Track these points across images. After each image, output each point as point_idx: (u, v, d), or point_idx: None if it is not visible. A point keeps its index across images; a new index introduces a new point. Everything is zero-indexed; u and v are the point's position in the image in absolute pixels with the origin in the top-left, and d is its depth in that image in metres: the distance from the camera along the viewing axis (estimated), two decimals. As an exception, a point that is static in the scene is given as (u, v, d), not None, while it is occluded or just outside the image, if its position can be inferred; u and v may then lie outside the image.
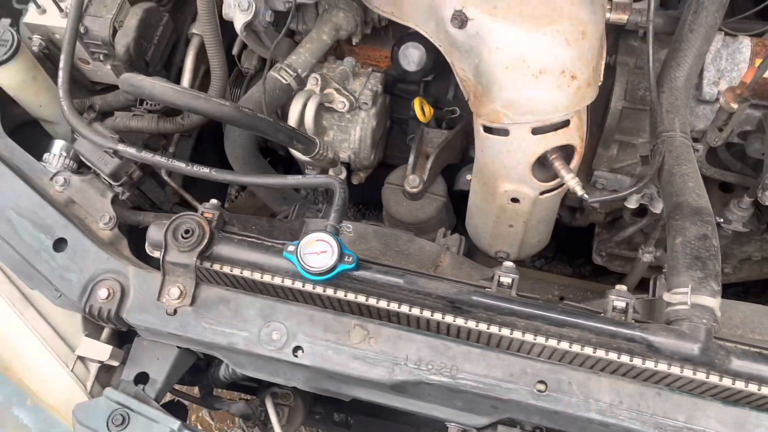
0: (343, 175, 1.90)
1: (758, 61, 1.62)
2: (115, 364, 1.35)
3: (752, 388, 1.15)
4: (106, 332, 1.36)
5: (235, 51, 1.89)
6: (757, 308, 1.34)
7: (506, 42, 1.37)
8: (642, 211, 2.04)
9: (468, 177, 1.98)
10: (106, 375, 1.38)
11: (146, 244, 1.34)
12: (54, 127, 1.75)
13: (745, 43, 1.67)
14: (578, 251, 2.78)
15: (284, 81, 1.72)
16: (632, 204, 1.90)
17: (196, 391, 1.84)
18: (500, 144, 1.51)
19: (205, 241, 1.28)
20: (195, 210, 1.80)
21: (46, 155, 1.55)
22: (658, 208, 1.87)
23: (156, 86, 1.37)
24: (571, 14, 1.35)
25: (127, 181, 1.45)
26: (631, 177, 1.91)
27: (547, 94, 1.39)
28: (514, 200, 1.61)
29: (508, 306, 1.20)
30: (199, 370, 1.63)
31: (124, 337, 1.42)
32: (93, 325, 1.38)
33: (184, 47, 1.93)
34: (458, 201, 2.03)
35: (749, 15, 1.70)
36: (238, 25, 1.62)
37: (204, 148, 2.05)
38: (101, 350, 1.32)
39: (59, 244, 1.36)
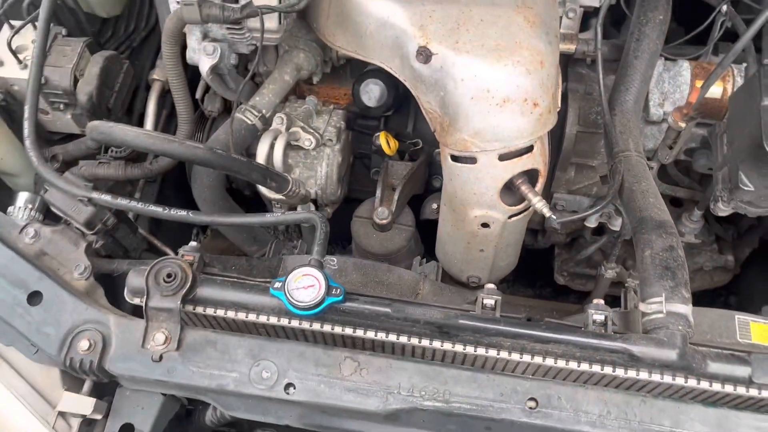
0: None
1: (699, 83, 1.74)
2: (98, 417, 1.31)
3: (728, 388, 1.21)
4: (87, 385, 1.33)
5: (198, 94, 1.90)
6: (722, 313, 1.42)
7: (470, 74, 1.43)
8: (599, 229, 2.13)
9: (434, 206, 2.04)
10: (87, 429, 1.34)
11: (125, 291, 1.32)
12: (14, 180, 1.71)
13: (685, 67, 1.79)
14: (537, 274, 2.86)
15: (250, 122, 1.74)
16: (592, 223, 1.99)
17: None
18: (468, 172, 1.56)
19: (188, 284, 1.27)
20: (164, 255, 1.79)
21: (10, 208, 1.52)
22: (616, 225, 1.96)
23: (128, 133, 1.37)
24: (529, 45, 1.43)
25: (101, 229, 1.42)
26: (589, 197, 2.00)
27: (512, 121, 1.45)
28: (484, 225, 1.65)
29: (494, 327, 1.24)
30: (179, 418, 1.59)
31: (104, 389, 1.38)
32: (72, 378, 1.34)
33: (145, 92, 1.93)
34: (425, 230, 2.08)
35: (685, 40, 1.82)
36: (204, 69, 1.64)
37: (168, 193, 2.03)
38: (84, 404, 1.29)
39: (34, 298, 1.32)
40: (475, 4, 1.48)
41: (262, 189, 1.76)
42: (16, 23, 1.72)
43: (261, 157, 1.75)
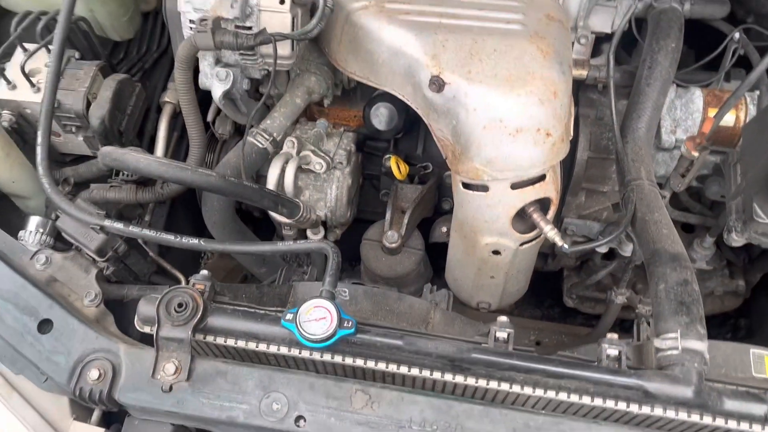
0: (321, 234, 1.91)
1: (711, 111, 1.73)
2: (107, 447, 1.30)
3: (744, 426, 1.20)
4: (96, 414, 1.32)
5: (210, 117, 1.90)
6: (736, 347, 1.40)
7: (483, 104, 1.43)
8: (610, 253, 2.12)
9: (443, 229, 2.03)
10: (96, 459, 1.33)
11: (136, 320, 1.31)
12: (26, 202, 1.71)
13: (697, 94, 1.79)
14: (545, 294, 2.85)
15: (261, 145, 1.74)
16: (603, 249, 1.98)
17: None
18: (480, 199, 1.55)
19: (199, 313, 1.27)
20: (173, 277, 1.79)
21: (21, 233, 1.52)
22: (627, 251, 1.94)
23: (141, 161, 1.37)
24: (542, 76, 1.43)
25: (112, 256, 1.42)
26: (599, 222, 1.99)
27: (525, 151, 1.44)
28: (495, 252, 1.65)
29: (507, 361, 1.23)
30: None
31: (113, 418, 1.37)
32: (81, 407, 1.33)
33: (156, 114, 1.94)
34: (434, 253, 2.07)
35: (697, 67, 1.82)
36: (217, 95, 1.64)
37: (178, 215, 2.03)
38: (93, 434, 1.28)
39: (44, 326, 1.32)
40: (488, 34, 1.48)
41: (273, 213, 1.76)
42: (30, 47, 1.73)
43: (272, 181, 1.75)
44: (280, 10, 1.55)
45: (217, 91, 1.64)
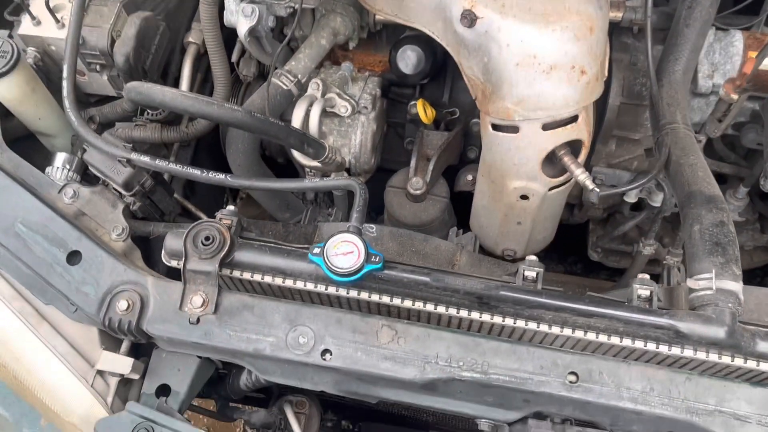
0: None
1: (751, 54, 1.67)
2: (136, 377, 1.32)
3: (776, 369, 1.18)
4: (125, 345, 1.33)
5: (234, 58, 1.87)
6: (769, 292, 1.38)
7: (516, 39, 1.38)
8: (637, 205, 2.08)
9: (469, 178, 2.00)
10: (123, 389, 1.35)
11: (163, 253, 1.32)
12: (51, 140, 1.71)
13: (738, 37, 1.72)
14: (569, 249, 2.82)
15: (285, 87, 1.72)
16: (632, 198, 1.94)
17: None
18: (510, 141, 1.52)
19: (226, 247, 1.26)
20: (198, 219, 1.79)
21: (48, 169, 1.52)
22: (656, 201, 1.90)
23: (167, 93, 1.35)
24: (579, 10, 1.38)
25: (139, 191, 1.42)
26: (629, 172, 1.95)
27: (558, 89, 1.40)
28: (524, 197, 1.62)
29: (535, 299, 1.21)
30: (212, 382, 1.60)
31: (140, 350, 1.39)
32: (109, 338, 1.35)
33: (179, 56, 1.91)
34: (458, 202, 2.05)
35: (737, 10, 1.75)
36: (242, 31, 1.61)
37: (201, 161, 2.02)
38: (122, 363, 1.29)
39: (73, 258, 1.32)
40: (523, -33, 1.42)
41: (297, 155, 1.74)
42: (54, -18, 1.70)
43: (296, 123, 1.73)
44: (307, -58, 1.51)
45: (243, 27, 1.61)
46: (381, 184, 2.02)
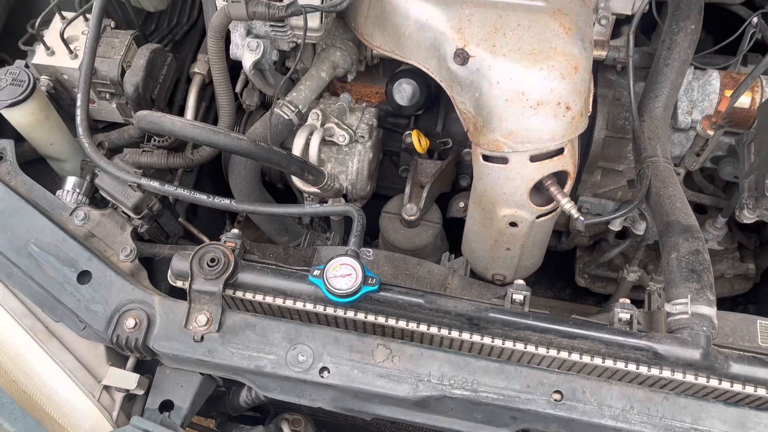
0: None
1: (728, 92, 1.77)
2: (141, 392, 1.37)
3: (749, 389, 1.25)
4: (131, 361, 1.39)
5: (238, 89, 1.96)
6: (743, 317, 1.45)
7: (506, 77, 1.48)
8: (622, 233, 2.17)
9: (461, 204, 2.08)
10: (128, 404, 1.40)
11: (169, 274, 1.38)
12: (62, 165, 1.78)
13: (715, 76, 1.82)
14: (557, 275, 2.90)
15: (287, 117, 1.80)
16: (616, 227, 2.03)
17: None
18: (499, 171, 1.60)
19: (230, 269, 1.33)
20: (200, 241, 1.86)
21: (59, 192, 1.58)
22: (639, 229, 1.99)
23: (176, 123, 1.43)
24: (564, 51, 1.47)
25: (147, 214, 1.49)
26: (614, 201, 2.04)
27: (545, 124, 1.49)
28: (513, 224, 1.70)
29: (523, 321, 1.29)
30: (211, 400, 1.65)
31: (144, 367, 1.44)
32: (116, 355, 1.40)
33: (185, 85, 2.00)
34: (450, 228, 2.13)
35: (715, 50, 1.86)
36: (247, 64, 1.70)
37: (204, 186, 2.10)
38: (128, 379, 1.35)
39: (83, 277, 1.39)
40: (513, 9, 1.52)
41: (296, 181, 1.82)
42: (68, 14, 1.79)
43: (297, 151, 1.81)
44: (310, -18, 1.61)
45: (248, 61, 1.69)
46: (376, 209, 2.10)
